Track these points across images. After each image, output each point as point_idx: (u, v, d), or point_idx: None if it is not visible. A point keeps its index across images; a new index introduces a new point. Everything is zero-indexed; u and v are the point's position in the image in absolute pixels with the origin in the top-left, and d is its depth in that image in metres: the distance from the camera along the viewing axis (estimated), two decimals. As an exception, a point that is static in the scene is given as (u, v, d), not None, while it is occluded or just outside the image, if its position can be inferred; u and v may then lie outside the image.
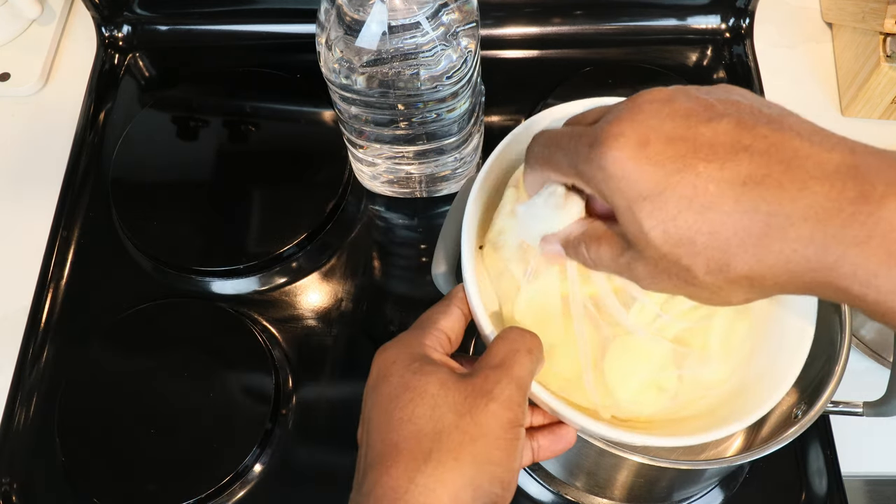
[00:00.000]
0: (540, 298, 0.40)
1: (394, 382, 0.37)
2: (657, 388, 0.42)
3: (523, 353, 0.37)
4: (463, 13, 0.57)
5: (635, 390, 0.41)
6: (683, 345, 0.41)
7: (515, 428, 0.36)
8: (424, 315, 0.41)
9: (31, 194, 0.76)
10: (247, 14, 0.84)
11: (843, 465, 0.62)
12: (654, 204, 0.31)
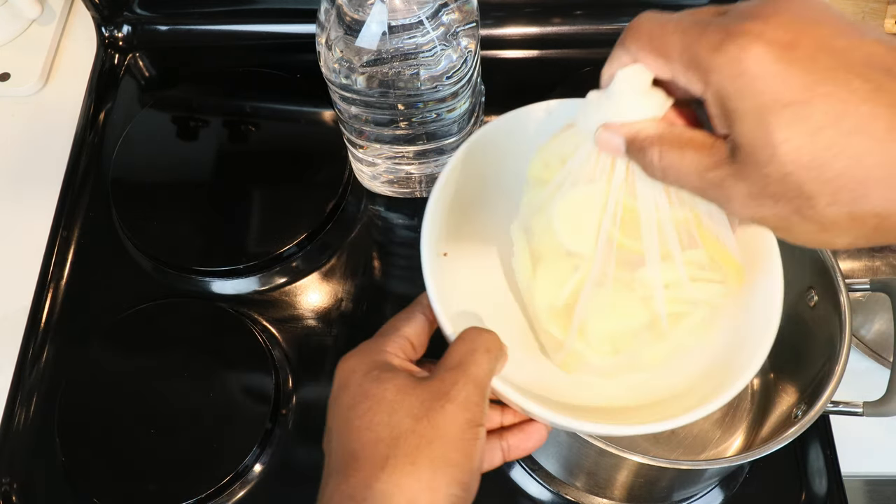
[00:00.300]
0: (577, 206, 0.36)
1: (353, 392, 0.37)
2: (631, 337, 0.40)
3: (481, 353, 0.37)
4: (463, 13, 0.57)
5: (607, 338, 0.40)
6: (672, 322, 0.39)
7: (474, 428, 0.35)
8: (388, 322, 0.41)
9: (31, 194, 0.76)
10: (247, 14, 0.84)
11: (843, 465, 0.62)
12: (795, 113, 0.27)
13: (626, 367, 0.41)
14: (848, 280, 0.52)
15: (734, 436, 0.61)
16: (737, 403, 0.62)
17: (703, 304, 0.39)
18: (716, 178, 0.30)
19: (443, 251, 0.45)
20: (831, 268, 0.52)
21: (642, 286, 0.37)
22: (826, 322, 0.53)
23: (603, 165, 0.35)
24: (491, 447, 0.42)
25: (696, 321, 0.39)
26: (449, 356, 0.37)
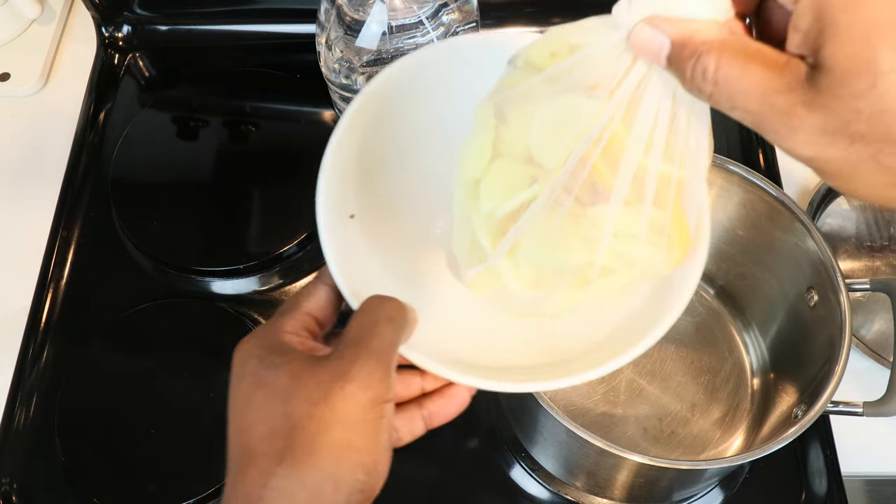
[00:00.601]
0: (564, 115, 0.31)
1: (247, 381, 0.34)
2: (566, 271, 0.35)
3: (383, 323, 0.34)
4: (463, 13, 0.57)
5: (536, 267, 0.36)
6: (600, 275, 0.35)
7: (378, 406, 0.33)
8: (290, 297, 0.37)
9: (31, 194, 0.76)
10: (247, 14, 0.84)
11: (843, 465, 0.61)
12: None
13: (531, 306, 0.38)
14: (848, 280, 0.52)
15: (734, 436, 0.61)
16: (737, 403, 0.62)
17: (637, 268, 0.35)
18: (783, 103, 0.25)
19: (349, 212, 0.42)
20: (831, 268, 0.52)
21: (591, 225, 0.33)
22: (826, 322, 0.53)
23: (612, 74, 0.29)
24: (410, 417, 0.39)
25: (621, 283, 0.36)
26: (349, 330, 0.35)
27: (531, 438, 0.60)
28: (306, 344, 0.35)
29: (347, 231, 0.41)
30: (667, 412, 0.62)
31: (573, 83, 0.30)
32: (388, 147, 0.45)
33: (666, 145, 0.30)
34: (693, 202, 0.33)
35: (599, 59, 0.29)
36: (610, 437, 0.48)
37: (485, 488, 0.62)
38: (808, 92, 0.24)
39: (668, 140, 0.30)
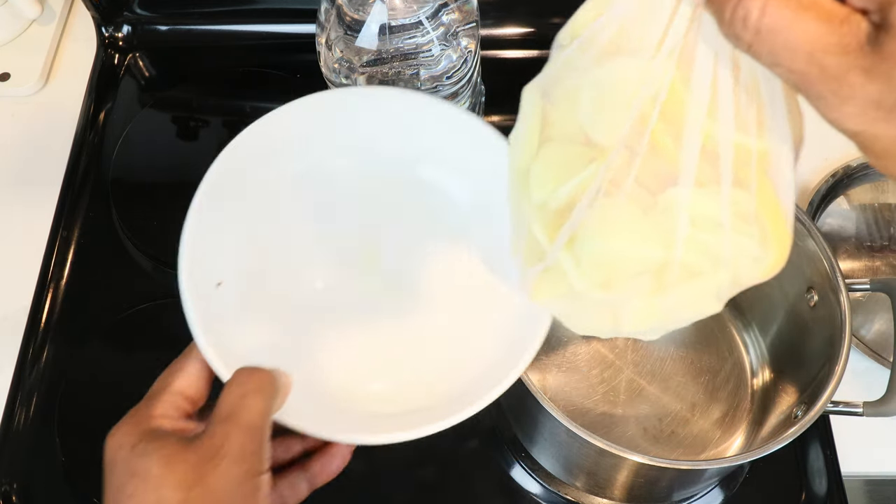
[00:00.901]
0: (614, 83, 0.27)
1: (119, 471, 0.33)
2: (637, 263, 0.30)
3: (252, 395, 0.34)
4: (463, 13, 0.57)
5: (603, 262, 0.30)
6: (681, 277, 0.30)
7: (253, 479, 0.33)
8: (159, 377, 0.37)
9: (31, 194, 0.76)
10: (247, 14, 0.84)
11: (843, 465, 0.61)
12: None
13: (607, 319, 0.32)
14: (848, 280, 0.52)
15: (734, 436, 0.61)
16: (737, 403, 0.62)
17: (726, 267, 0.29)
18: (837, 65, 0.21)
19: (216, 280, 0.41)
20: (831, 268, 0.52)
21: (662, 212, 0.27)
22: (826, 322, 0.53)
23: (654, 27, 0.25)
24: (292, 482, 0.40)
25: (710, 289, 0.30)
26: (219, 406, 0.34)
27: (531, 438, 0.60)
28: (178, 425, 0.35)
29: (216, 300, 0.40)
30: (667, 412, 0.62)
31: (614, 45, 0.26)
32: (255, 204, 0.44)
33: (735, 108, 0.25)
34: (783, 181, 0.27)
35: (636, 12, 0.25)
36: (610, 437, 0.48)
37: (485, 488, 0.62)
38: (867, 56, 0.21)
39: (737, 102, 0.25)
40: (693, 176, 0.26)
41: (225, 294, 0.41)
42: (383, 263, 0.44)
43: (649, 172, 0.27)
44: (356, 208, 0.45)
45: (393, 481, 0.62)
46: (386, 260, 0.44)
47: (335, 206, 0.45)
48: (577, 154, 0.28)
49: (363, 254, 0.44)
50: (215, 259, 0.41)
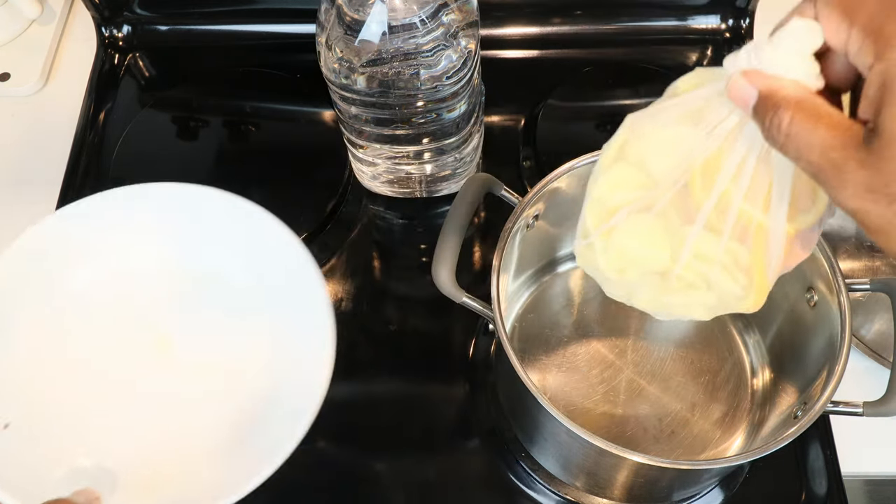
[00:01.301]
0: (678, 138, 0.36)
1: None
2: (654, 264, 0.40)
3: None
4: (463, 13, 0.57)
5: (623, 253, 0.41)
6: (679, 286, 0.40)
7: None
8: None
9: (31, 194, 0.76)
10: (247, 14, 0.84)
11: (843, 465, 0.62)
12: None
13: (624, 293, 0.43)
14: (848, 280, 0.52)
15: (734, 436, 0.61)
16: (737, 403, 0.62)
17: (714, 290, 0.39)
18: (839, 159, 0.28)
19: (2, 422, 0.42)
20: (831, 268, 0.52)
21: (678, 240, 0.38)
22: (826, 322, 0.53)
23: (718, 113, 0.34)
24: None
25: (702, 302, 0.40)
26: None
27: (531, 438, 0.60)
28: None
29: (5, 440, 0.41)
30: (667, 412, 0.62)
31: (691, 115, 0.36)
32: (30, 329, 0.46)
33: (750, 183, 0.35)
34: (773, 250, 0.37)
35: (711, 98, 0.35)
36: (610, 437, 0.48)
37: (485, 488, 0.62)
38: (861, 151, 0.28)
39: (753, 180, 0.35)
40: (705, 221, 0.36)
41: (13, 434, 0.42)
42: (175, 352, 0.47)
43: (679, 206, 0.37)
44: (143, 306, 0.47)
45: (393, 481, 0.62)
46: (178, 344, 0.47)
47: (119, 310, 0.47)
48: (635, 176, 0.39)
49: (155, 348, 0.47)
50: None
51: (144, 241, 0.48)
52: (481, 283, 0.68)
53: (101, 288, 0.46)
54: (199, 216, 0.48)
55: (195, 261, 0.48)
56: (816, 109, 0.30)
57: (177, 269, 0.48)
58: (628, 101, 0.78)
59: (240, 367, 0.47)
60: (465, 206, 0.54)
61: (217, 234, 0.48)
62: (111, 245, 0.47)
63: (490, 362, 0.66)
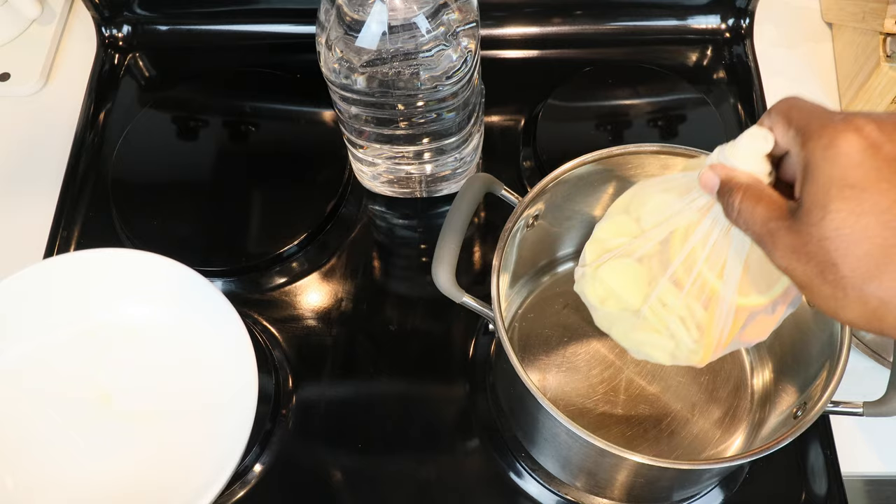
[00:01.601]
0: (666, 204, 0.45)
1: None
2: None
3: None
4: (463, 13, 0.57)
5: (606, 286, 0.47)
6: (643, 325, 0.46)
7: None
8: None
9: (31, 194, 0.76)
10: (247, 14, 0.84)
11: (843, 465, 0.62)
12: (854, 195, 0.32)
13: (605, 322, 0.49)
14: (848, 280, 0.52)
15: (734, 436, 0.61)
16: (737, 403, 0.62)
17: (673, 339, 0.45)
18: (773, 227, 0.35)
19: None
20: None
21: (649, 285, 0.45)
22: (826, 322, 0.53)
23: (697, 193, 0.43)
24: None
25: (662, 346, 0.46)
26: None
27: (531, 438, 0.60)
28: None
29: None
30: (667, 412, 0.62)
31: (683, 187, 0.44)
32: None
33: (711, 252, 0.42)
34: (720, 316, 0.44)
35: (695, 179, 0.42)
36: (610, 438, 0.48)
37: (485, 488, 0.62)
38: (788, 220, 0.35)
39: (714, 250, 0.42)
40: (672, 274, 0.44)
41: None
42: (119, 400, 0.51)
43: (659, 258, 0.44)
44: (79, 366, 0.51)
45: (393, 481, 0.62)
46: (120, 399, 0.51)
47: (59, 374, 0.51)
48: (631, 227, 0.46)
49: (95, 403, 0.51)
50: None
51: (74, 308, 0.53)
52: (481, 283, 0.68)
53: (41, 359, 0.51)
54: (123, 277, 0.53)
55: (123, 319, 0.54)
56: (760, 192, 0.37)
57: (106, 328, 0.53)
58: (628, 101, 0.78)
59: (173, 413, 0.52)
60: (465, 206, 0.54)
61: (142, 292, 0.53)
62: (41, 317, 0.52)
63: (490, 362, 0.66)
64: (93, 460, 0.50)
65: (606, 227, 0.48)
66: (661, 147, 0.56)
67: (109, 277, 0.52)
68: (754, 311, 0.44)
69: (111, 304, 0.53)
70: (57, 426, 0.50)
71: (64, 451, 0.50)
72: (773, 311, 0.46)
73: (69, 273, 0.52)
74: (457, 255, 0.52)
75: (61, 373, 0.52)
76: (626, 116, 0.77)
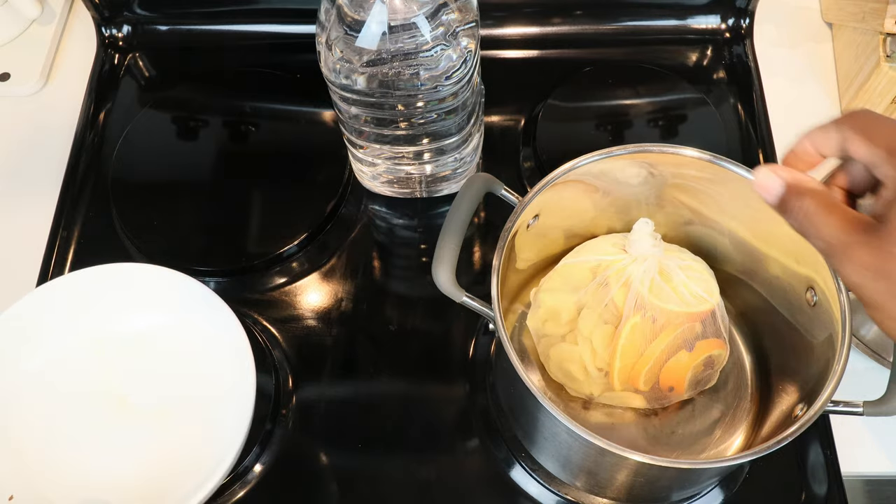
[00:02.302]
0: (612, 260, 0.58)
1: None
2: None
3: None
4: (463, 13, 0.57)
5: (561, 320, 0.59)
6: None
7: None
8: None
9: (31, 194, 0.76)
10: (247, 14, 0.84)
11: (843, 465, 0.62)
12: None
13: (543, 343, 0.61)
14: (848, 280, 0.52)
15: (734, 436, 0.61)
16: (737, 403, 0.62)
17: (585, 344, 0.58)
18: (846, 241, 0.35)
19: (7, 495, 0.51)
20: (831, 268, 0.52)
21: (581, 312, 0.58)
22: (826, 322, 0.53)
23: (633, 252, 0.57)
24: None
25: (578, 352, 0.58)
26: None
27: (531, 438, 0.60)
28: None
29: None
30: (667, 412, 0.62)
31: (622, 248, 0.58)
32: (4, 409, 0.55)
33: (603, 308, 0.57)
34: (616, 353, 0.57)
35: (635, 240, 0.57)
36: (610, 437, 0.48)
37: (485, 488, 0.62)
38: (864, 235, 0.34)
39: (609, 305, 0.57)
40: (599, 308, 0.57)
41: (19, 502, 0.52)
42: (133, 401, 0.57)
43: (596, 293, 0.57)
44: (96, 372, 0.58)
45: (393, 481, 0.62)
46: (134, 399, 0.57)
47: (77, 379, 0.57)
48: (589, 275, 0.59)
49: (112, 403, 0.57)
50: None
51: (91, 316, 0.59)
52: (481, 283, 0.68)
53: (65, 360, 0.58)
54: (135, 289, 0.59)
55: (134, 326, 0.60)
56: (832, 201, 0.37)
57: (119, 335, 0.59)
58: (628, 101, 0.78)
59: (180, 410, 0.58)
60: (465, 206, 0.54)
61: (151, 302, 0.59)
62: (64, 324, 0.58)
63: (490, 362, 0.66)
64: (111, 452, 0.55)
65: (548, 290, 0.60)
66: (660, 147, 0.56)
67: (122, 288, 0.58)
68: None
69: (123, 312, 0.59)
70: (78, 422, 0.56)
71: (85, 444, 0.55)
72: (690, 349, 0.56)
73: (88, 285, 0.57)
74: (457, 255, 0.52)
75: (81, 375, 0.57)
76: (626, 116, 0.77)
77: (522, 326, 0.65)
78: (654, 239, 0.56)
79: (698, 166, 0.56)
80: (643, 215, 0.58)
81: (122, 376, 0.57)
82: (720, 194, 0.58)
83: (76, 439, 0.56)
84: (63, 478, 0.54)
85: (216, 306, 0.57)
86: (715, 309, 0.57)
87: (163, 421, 0.56)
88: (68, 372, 0.57)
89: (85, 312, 0.58)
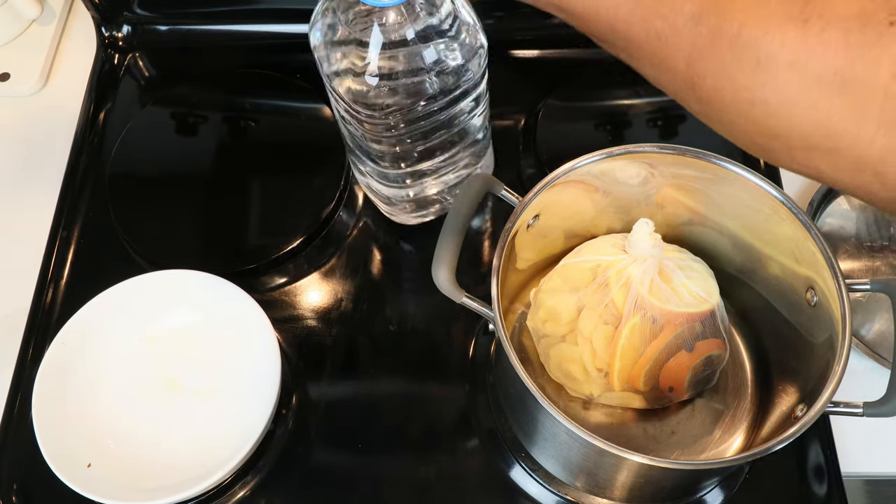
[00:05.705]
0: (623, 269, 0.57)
1: None
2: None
3: None
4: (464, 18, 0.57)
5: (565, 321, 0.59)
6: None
7: None
8: None
9: (31, 194, 0.76)
10: (247, 14, 0.84)
11: (843, 465, 0.62)
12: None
13: (543, 344, 0.62)
14: (848, 280, 0.52)
15: (734, 436, 0.61)
16: (737, 403, 0.62)
17: (585, 343, 0.58)
18: None
19: (85, 462, 0.60)
20: (831, 268, 0.52)
21: (583, 311, 0.58)
22: (826, 322, 0.53)
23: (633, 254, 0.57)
24: None
25: (578, 353, 0.58)
26: None
27: (531, 438, 0.60)
28: None
29: (90, 479, 0.59)
30: (667, 412, 0.62)
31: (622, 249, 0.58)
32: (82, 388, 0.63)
33: (603, 308, 0.57)
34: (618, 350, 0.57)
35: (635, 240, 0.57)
36: (610, 438, 0.48)
37: (485, 488, 0.62)
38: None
39: (609, 305, 0.57)
40: (599, 309, 0.57)
41: (97, 472, 0.60)
42: (182, 384, 0.65)
43: (596, 294, 0.57)
44: (152, 361, 0.66)
45: (393, 481, 0.62)
46: (183, 383, 0.65)
47: (137, 368, 0.66)
48: (589, 277, 0.59)
49: (166, 388, 0.65)
50: (78, 446, 0.61)
51: (148, 314, 0.67)
52: (481, 283, 0.68)
53: (128, 352, 0.66)
54: (179, 290, 0.67)
55: (180, 322, 0.67)
56: None
57: (169, 330, 0.67)
58: (628, 101, 0.78)
59: (219, 392, 0.65)
60: (465, 206, 0.54)
61: (195, 301, 0.67)
62: (126, 323, 0.66)
63: (490, 362, 0.66)
64: (166, 426, 0.64)
65: (548, 289, 0.60)
66: (660, 147, 0.56)
67: (170, 290, 0.66)
68: None
69: (172, 310, 0.67)
70: (140, 402, 0.64)
71: (146, 420, 0.64)
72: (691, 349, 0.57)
73: (146, 287, 0.66)
74: (457, 256, 0.52)
75: (141, 364, 0.66)
76: (626, 116, 0.77)
77: (522, 326, 0.65)
78: (654, 239, 0.56)
79: (698, 166, 0.56)
80: (643, 215, 0.58)
81: (173, 364, 0.66)
82: (720, 194, 0.58)
83: (138, 416, 0.64)
84: (128, 448, 0.62)
85: (247, 304, 0.64)
86: (715, 309, 0.57)
87: (207, 401, 0.64)
88: (132, 361, 0.66)
89: (140, 311, 0.66)
